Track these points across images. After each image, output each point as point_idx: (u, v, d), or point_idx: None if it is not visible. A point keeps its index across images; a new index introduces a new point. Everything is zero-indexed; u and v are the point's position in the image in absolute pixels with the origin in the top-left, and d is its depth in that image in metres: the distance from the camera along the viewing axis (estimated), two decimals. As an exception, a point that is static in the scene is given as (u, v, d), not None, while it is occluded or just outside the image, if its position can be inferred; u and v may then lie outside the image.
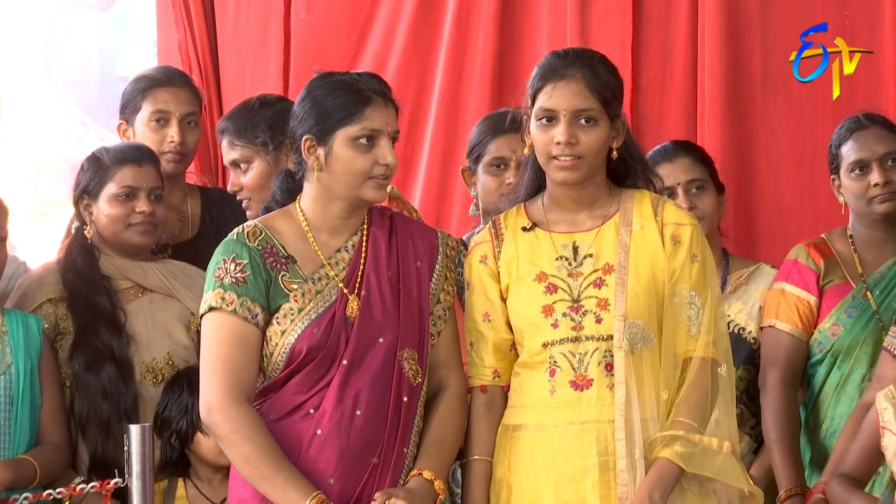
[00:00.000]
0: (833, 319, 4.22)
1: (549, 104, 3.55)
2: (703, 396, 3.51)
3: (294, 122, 3.57)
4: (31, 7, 6.18)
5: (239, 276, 3.50)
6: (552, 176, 3.59)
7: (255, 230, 3.56)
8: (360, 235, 3.60)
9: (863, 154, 4.24)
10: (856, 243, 4.30)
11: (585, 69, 3.56)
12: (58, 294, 4.24)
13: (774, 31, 5.13)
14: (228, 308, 3.48)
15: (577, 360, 3.53)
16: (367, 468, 3.49)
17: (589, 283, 3.56)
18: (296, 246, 3.56)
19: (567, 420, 3.51)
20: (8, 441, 4.05)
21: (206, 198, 4.79)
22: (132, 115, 4.68)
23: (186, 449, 4.13)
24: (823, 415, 4.22)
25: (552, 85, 3.55)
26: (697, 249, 3.59)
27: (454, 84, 5.46)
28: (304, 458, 3.47)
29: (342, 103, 3.50)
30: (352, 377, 3.49)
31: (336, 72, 3.63)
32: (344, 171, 3.51)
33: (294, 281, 3.52)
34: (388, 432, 3.50)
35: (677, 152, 4.41)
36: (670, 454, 3.43)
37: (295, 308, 3.50)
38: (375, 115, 3.51)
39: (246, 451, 3.43)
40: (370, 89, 3.53)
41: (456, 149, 5.44)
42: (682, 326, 3.55)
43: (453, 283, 3.68)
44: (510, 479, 3.56)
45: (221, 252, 3.55)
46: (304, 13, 5.70)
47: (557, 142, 3.53)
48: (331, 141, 3.51)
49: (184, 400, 4.09)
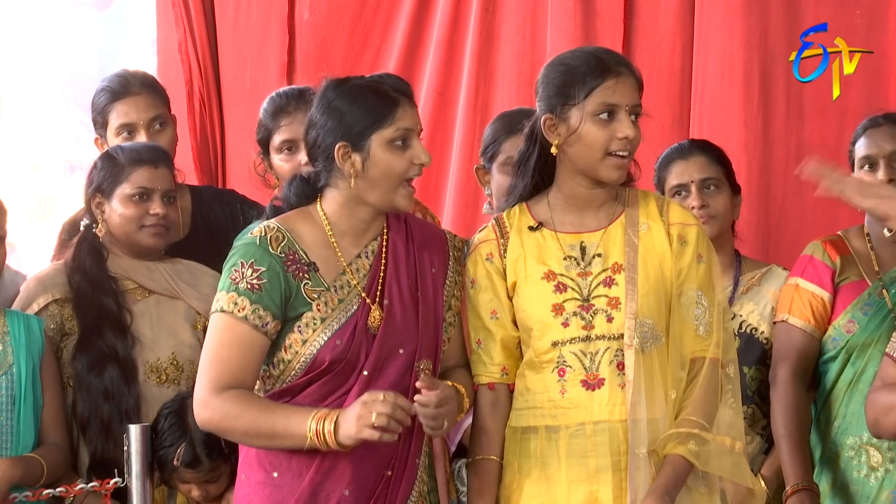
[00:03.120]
0: (848, 316, 4.21)
1: (614, 99, 3.51)
2: (713, 396, 3.52)
3: (318, 131, 3.52)
4: (30, 7, 6.18)
5: (255, 283, 3.46)
6: (604, 174, 3.54)
7: (277, 234, 3.50)
8: (379, 241, 3.58)
9: (871, 151, 4.26)
10: (872, 241, 4.29)
11: (630, 67, 3.56)
12: (63, 295, 4.23)
13: (774, 31, 5.13)
14: (240, 314, 3.45)
15: (589, 360, 3.52)
16: (381, 480, 3.48)
17: (599, 283, 3.55)
18: (318, 251, 3.52)
19: (579, 420, 3.50)
20: (10, 441, 4.05)
21: (197, 197, 4.77)
22: (102, 130, 4.68)
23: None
24: (835, 412, 4.21)
25: (614, 80, 3.51)
26: (703, 250, 3.59)
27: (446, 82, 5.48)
28: (319, 467, 3.46)
29: (373, 107, 3.48)
30: (370, 388, 3.45)
31: (350, 77, 3.59)
32: (382, 175, 3.48)
33: (316, 289, 3.49)
34: (401, 444, 3.48)
35: (693, 150, 4.41)
36: (684, 451, 3.44)
37: (318, 317, 3.47)
38: (405, 115, 3.49)
39: (241, 429, 3.42)
40: (396, 90, 3.51)
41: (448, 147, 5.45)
42: (689, 326, 3.55)
43: (461, 288, 3.67)
44: (520, 483, 3.55)
45: (240, 254, 3.50)
46: (307, 13, 5.70)
47: (622, 136, 3.50)
48: (367, 146, 3.47)
49: (167, 455, 4.05)
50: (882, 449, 4.11)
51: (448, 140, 5.51)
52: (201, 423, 3.50)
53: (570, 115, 3.53)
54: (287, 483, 3.48)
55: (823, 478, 4.22)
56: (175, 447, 3.96)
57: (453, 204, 5.43)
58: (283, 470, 3.49)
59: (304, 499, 3.46)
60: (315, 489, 3.46)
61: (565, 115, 3.54)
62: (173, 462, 3.96)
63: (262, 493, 3.50)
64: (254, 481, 3.53)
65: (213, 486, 4.02)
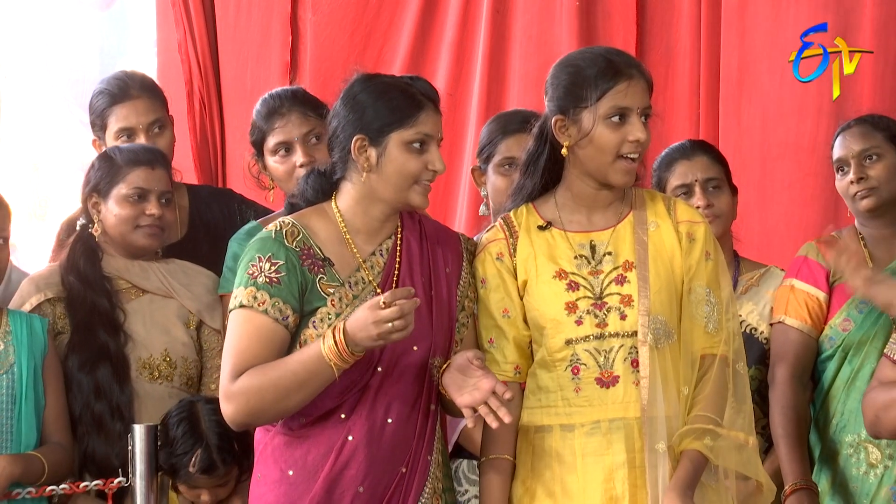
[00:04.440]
0: (844, 315, 4.23)
1: (626, 102, 3.51)
2: (723, 393, 3.53)
3: (338, 122, 3.53)
4: (31, 7, 6.17)
5: (273, 276, 3.45)
6: (613, 178, 3.55)
7: (293, 230, 3.51)
8: (393, 239, 3.58)
9: (841, 153, 4.31)
10: (865, 240, 4.31)
11: (641, 69, 3.56)
12: (56, 294, 4.24)
13: (774, 31, 5.14)
14: (260, 308, 3.44)
15: (603, 357, 3.53)
16: (396, 477, 3.49)
17: (611, 280, 3.56)
18: (332, 248, 3.52)
19: (594, 419, 3.51)
20: (11, 440, 4.06)
21: (194, 196, 4.77)
22: (101, 133, 4.68)
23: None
24: (833, 410, 4.23)
25: (626, 83, 3.51)
26: (710, 248, 3.61)
27: (456, 83, 5.48)
28: (334, 464, 3.46)
29: (397, 106, 3.48)
30: (385, 385, 3.47)
31: (381, 74, 3.61)
32: (395, 174, 3.48)
33: (331, 284, 3.49)
34: (416, 441, 3.50)
35: (695, 150, 4.43)
36: (701, 447, 3.45)
37: (332, 312, 3.47)
38: (429, 120, 3.50)
39: (270, 399, 3.39)
40: (423, 94, 3.52)
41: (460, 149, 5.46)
42: (698, 323, 3.56)
43: (475, 289, 3.67)
44: (534, 481, 3.55)
45: (257, 249, 3.50)
46: (310, 13, 5.71)
47: (634, 139, 3.51)
48: (384, 142, 3.48)
49: (181, 462, 4.03)
50: (881, 446, 4.13)
51: (459, 141, 5.52)
52: (231, 420, 3.47)
53: (582, 117, 3.53)
54: (302, 481, 3.48)
55: (822, 476, 4.24)
56: (190, 454, 3.97)
57: (466, 205, 5.43)
58: (298, 468, 3.49)
59: (319, 497, 3.46)
60: (330, 487, 3.46)
61: (577, 117, 3.54)
62: (188, 469, 3.96)
63: (278, 491, 3.50)
64: (269, 480, 3.52)
65: (223, 489, 4.03)
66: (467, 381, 3.42)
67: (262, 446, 3.56)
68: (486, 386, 3.39)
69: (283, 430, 3.52)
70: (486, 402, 3.38)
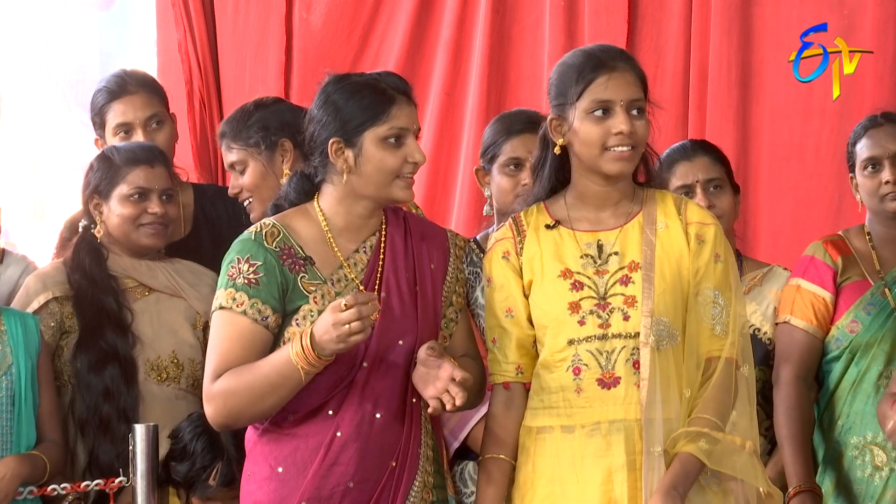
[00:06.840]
0: (851, 316, 4.21)
1: (606, 95, 3.51)
2: (727, 396, 3.51)
3: (315, 126, 3.56)
4: (31, 7, 6.18)
5: (252, 278, 3.48)
6: (606, 168, 3.55)
7: (273, 230, 3.53)
8: (377, 236, 3.60)
9: (875, 151, 4.26)
10: (873, 240, 4.30)
11: (629, 62, 3.56)
12: (63, 293, 4.25)
13: (774, 31, 5.14)
14: (238, 309, 3.47)
15: (605, 358, 3.52)
16: (386, 471, 3.50)
17: (615, 281, 3.55)
18: (314, 247, 3.55)
19: (594, 420, 3.50)
20: (10, 440, 4.06)
21: (199, 194, 4.79)
22: (101, 131, 4.71)
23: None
24: (839, 412, 4.21)
25: (606, 76, 3.52)
26: (721, 250, 3.59)
27: (453, 83, 5.48)
28: (324, 460, 3.47)
29: (368, 104, 3.51)
30: (372, 379, 3.49)
31: (352, 73, 3.64)
32: (375, 171, 3.51)
33: (313, 282, 3.51)
34: (405, 435, 3.51)
35: (696, 151, 4.42)
36: (694, 449, 3.43)
37: (315, 310, 3.49)
38: (401, 113, 3.52)
39: (245, 400, 3.43)
40: (393, 88, 3.54)
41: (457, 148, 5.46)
42: (705, 325, 3.55)
43: (464, 284, 3.69)
44: (535, 482, 3.54)
45: (237, 251, 3.53)
46: (306, 13, 5.71)
47: (617, 132, 3.50)
48: (360, 142, 3.50)
49: (200, 476, 4.06)
50: (886, 448, 4.13)
51: (456, 141, 5.52)
52: (212, 420, 3.51)
53: (569, 114, 3.55)
54: (292, 477, 3.50)
55: (827, 478, 4.23)
56: (210, 468, 3.99)
57: (462, 205, 5.43)
58: (287, 465, 3.50)
59: (309, 493, 3.48)
60: (320, 483, 3.48)
61: (565, 114, 3.56)
62: (208, 482, 3.98)
63: (268, 488, 3.52)
64: (259, 477, 3.54)
65: (236, 500, 4.05)
66: (430, 373, 3.45)
67: (251, 444, 3.58)
68: (445, 374, 3.42)
69: (271, 427, 3.54)
70: (447, 389, 3.40)
